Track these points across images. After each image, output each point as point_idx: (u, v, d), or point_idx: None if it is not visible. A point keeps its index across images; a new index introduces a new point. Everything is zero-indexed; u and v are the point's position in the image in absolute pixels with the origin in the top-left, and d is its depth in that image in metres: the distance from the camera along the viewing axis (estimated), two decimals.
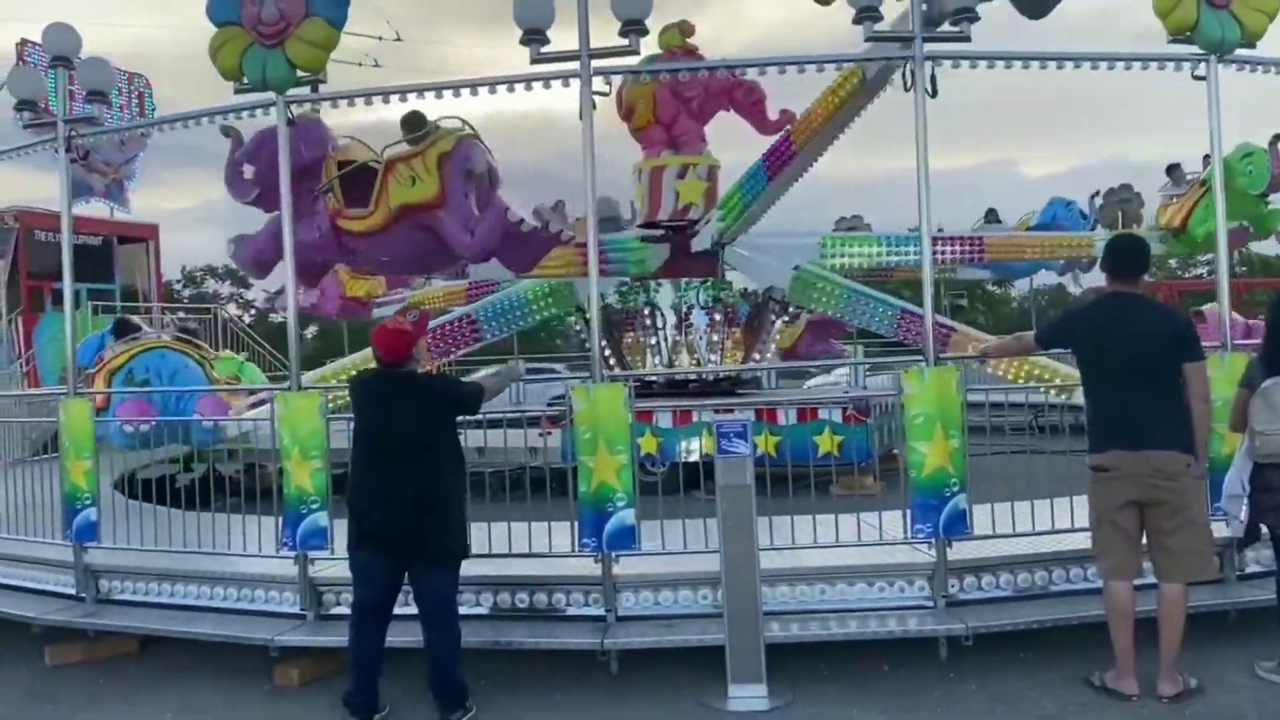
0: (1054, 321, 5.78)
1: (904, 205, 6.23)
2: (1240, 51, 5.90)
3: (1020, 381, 11.17)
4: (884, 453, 10.47)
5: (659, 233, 12.55)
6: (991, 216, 17.01)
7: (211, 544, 6.46)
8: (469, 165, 6.61)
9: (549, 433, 8.35)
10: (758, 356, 13.96)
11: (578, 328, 15.10)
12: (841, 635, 5.36)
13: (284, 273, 6.21)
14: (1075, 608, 5.45)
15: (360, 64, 26.03)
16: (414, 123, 6.83)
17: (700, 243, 12.73)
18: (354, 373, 9.05)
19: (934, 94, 5.60)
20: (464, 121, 7.01)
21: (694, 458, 9.45)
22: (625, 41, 5.61)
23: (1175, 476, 4.75)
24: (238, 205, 7.25)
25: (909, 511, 5.65)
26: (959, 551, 5.62)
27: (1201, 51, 5.81)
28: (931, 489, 5.55)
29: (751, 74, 5.87)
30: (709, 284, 13.10)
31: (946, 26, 5.62)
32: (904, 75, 5.63)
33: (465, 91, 5.92)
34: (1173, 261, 31.68)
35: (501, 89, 5.81)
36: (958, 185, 48.02)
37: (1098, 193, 15.52)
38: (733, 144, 13.02)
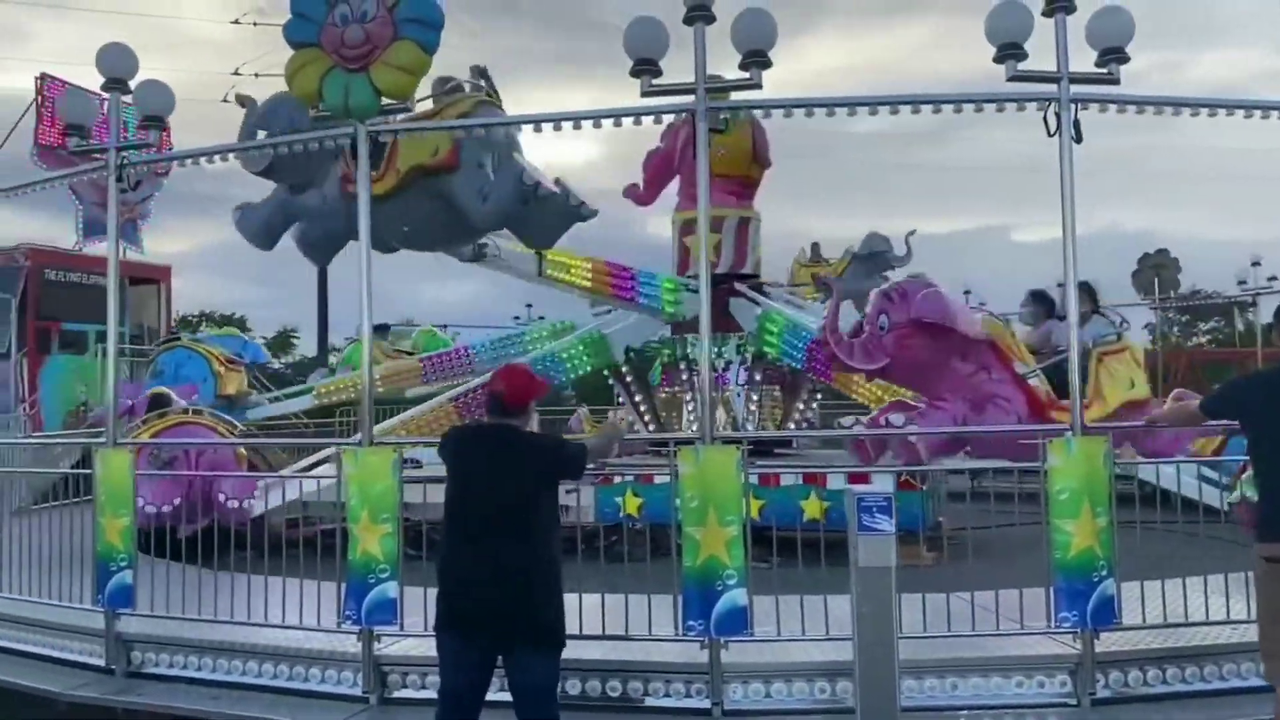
0: (1223, 390, 5.23)
1: None
2: None
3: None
4: (932, 523, 9.90)
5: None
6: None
7: (263, 613, 5.83)
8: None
9: None
10: (797, 417, 13.45)
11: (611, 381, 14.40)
12: None
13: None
14: (1241, 708, 4.87)
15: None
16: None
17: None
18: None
19: (1079, 139, 5.17)
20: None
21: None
22: (745, 75, 5.16)
23: None
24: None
25: (1052, 596, 5.08)
26: (1104, 642, 5.06)
27: None
28: (1078, 572, 4.99)
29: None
30: (745, 341, 12.57)
31: (1093, 68, 5.18)
32: (1046, 118, 5.19)
33: (561, 126, 5.47)
34: None
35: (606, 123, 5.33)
36: (950, 249, 47.35)
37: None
38: None
